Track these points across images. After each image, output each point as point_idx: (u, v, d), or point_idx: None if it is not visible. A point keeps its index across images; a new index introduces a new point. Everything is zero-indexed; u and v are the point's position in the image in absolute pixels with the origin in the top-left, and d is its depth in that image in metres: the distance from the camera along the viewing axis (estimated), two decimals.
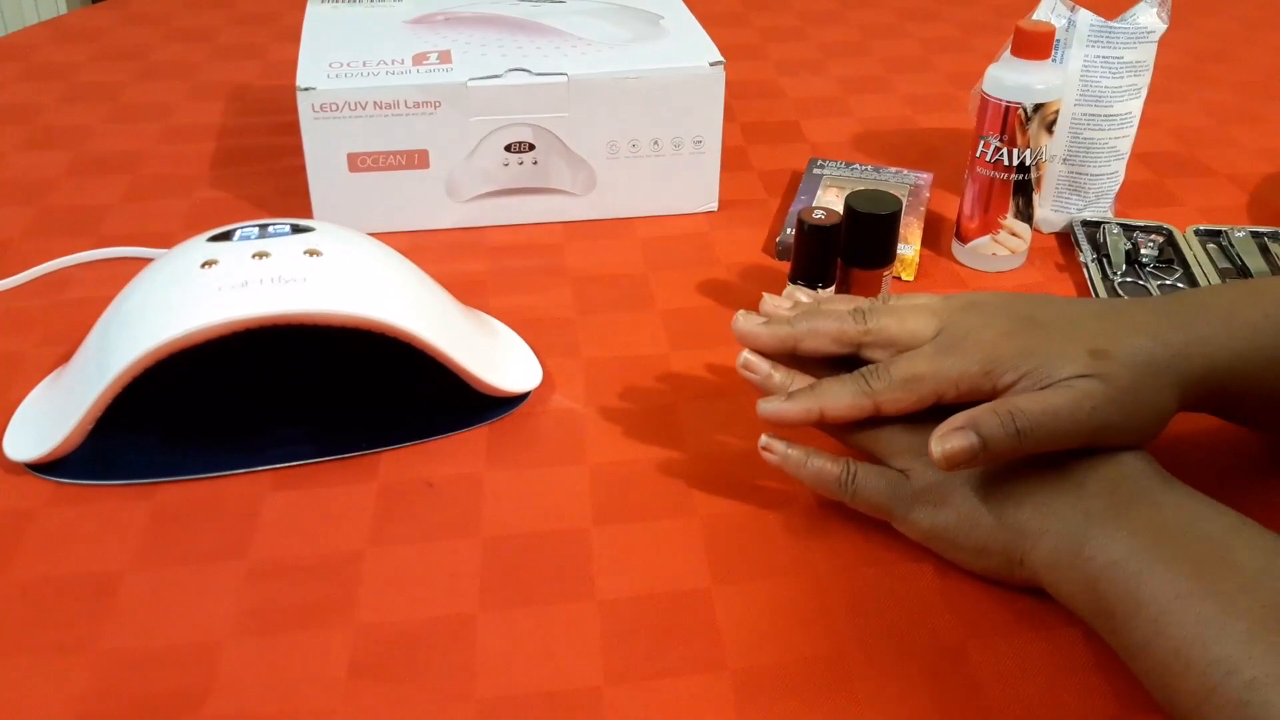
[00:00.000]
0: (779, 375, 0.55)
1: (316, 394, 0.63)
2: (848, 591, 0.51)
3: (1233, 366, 0.50)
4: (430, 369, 0.60)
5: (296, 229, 0.60)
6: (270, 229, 0.60)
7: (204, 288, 0.56)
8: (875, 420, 0.52)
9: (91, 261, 0.77)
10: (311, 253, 0.58)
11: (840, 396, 0.52)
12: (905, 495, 0.51)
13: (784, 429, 0.54)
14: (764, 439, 0.54)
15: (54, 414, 0.58)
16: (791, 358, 0.56)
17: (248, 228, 0.60)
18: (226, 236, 0.59)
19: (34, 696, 0.46)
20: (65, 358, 0.65)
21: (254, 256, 0.57)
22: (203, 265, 0.57)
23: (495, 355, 0.64)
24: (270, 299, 0.55)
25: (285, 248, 0.58)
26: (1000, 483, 0.49)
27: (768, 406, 0.53)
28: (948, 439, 0.47)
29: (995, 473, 0.50)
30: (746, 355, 0.56)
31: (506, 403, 0.62)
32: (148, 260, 0.67)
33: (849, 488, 0.52)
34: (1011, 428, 0.47)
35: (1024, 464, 0.49)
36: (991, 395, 0.49)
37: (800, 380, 0.55)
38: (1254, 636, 0.39)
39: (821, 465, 0.53)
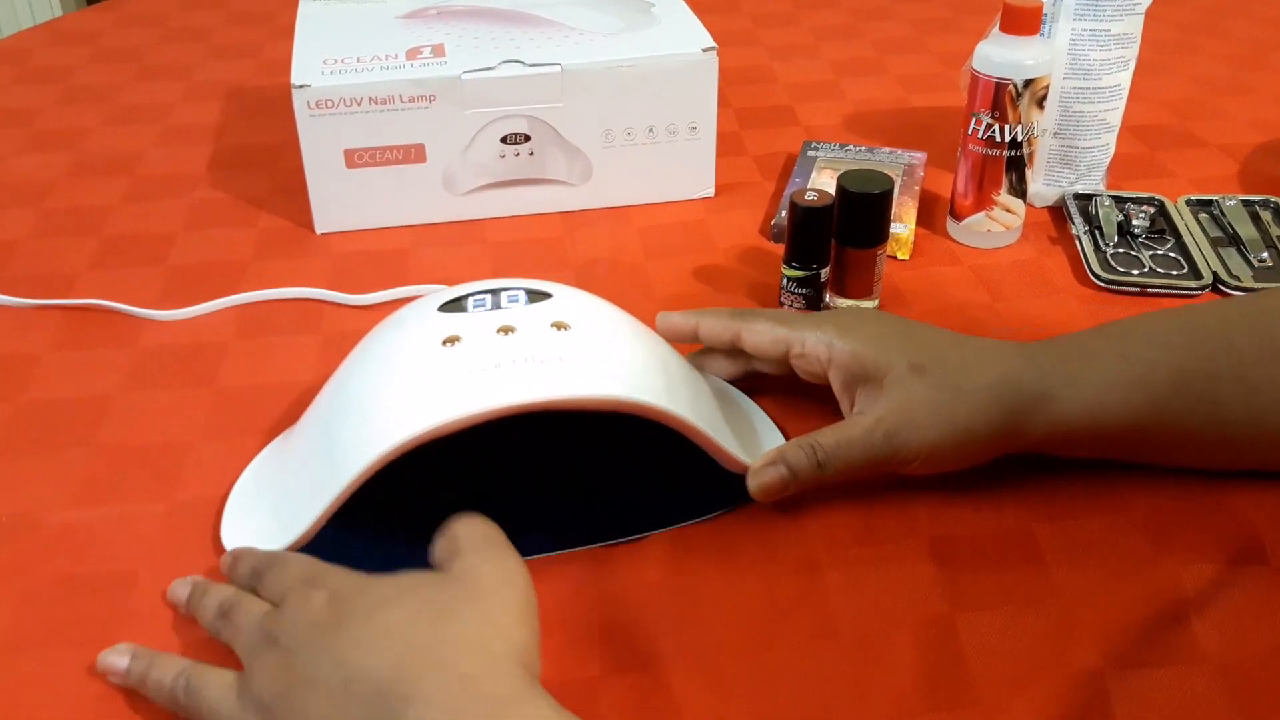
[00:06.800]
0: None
1: (550, 479, 0.57)
2: (842, 571, 0.52)
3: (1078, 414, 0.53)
4: (670, 451, 0.55)
5: (531, 295, 0.55)
6: (504, 294, 0.55)
7: (452, 370, 0.50)
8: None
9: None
10: (559, 326, 0.53)
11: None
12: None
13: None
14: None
15: (281, 506, 0.53)
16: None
17: (479, 295, 0.55)
18: (458, 305, 0.55)
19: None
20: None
21: (499, 331, 0.52)
22: (444, 342, 0.52)
23: (744, 431, 0.58)
24: (529, 384, 0.50)
25: (529, 320, 0.53)
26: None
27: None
28: (761, 473, 0.53)
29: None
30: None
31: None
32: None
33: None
34: (814, 459, 0.53)
35: None
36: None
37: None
38: None
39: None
